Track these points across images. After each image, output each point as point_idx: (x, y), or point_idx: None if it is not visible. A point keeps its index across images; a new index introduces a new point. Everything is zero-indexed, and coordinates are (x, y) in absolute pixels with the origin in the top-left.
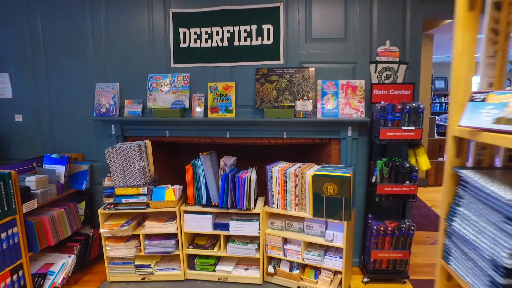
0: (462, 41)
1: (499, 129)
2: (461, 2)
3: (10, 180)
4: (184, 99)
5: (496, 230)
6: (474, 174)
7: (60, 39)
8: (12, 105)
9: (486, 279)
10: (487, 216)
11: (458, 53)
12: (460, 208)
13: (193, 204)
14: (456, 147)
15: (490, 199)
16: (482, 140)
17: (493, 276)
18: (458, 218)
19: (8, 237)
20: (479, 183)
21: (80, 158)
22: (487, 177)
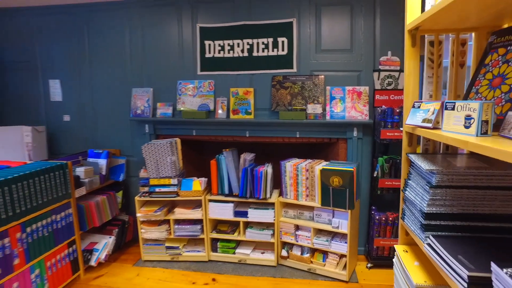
0: (409, 67)
1: (424, 125)
2: (407, 41)
3: (66, 169)
4: (209, 102)
5: (422, 190)
6: (416, 157)
7: (103, 51)
8: (62, 107)
9: (418, 223)
10: (419, 182)
11: (407, 75)
12: (409, 181)
13: (217, 194)
14: (408, 139)
15: (420, 171)
16: (416, 133)
17: (420, 220)
18: (408, 188)
19: (66, 216)
20: (417, 162)
21: (118, 153)
22: (424, 159)
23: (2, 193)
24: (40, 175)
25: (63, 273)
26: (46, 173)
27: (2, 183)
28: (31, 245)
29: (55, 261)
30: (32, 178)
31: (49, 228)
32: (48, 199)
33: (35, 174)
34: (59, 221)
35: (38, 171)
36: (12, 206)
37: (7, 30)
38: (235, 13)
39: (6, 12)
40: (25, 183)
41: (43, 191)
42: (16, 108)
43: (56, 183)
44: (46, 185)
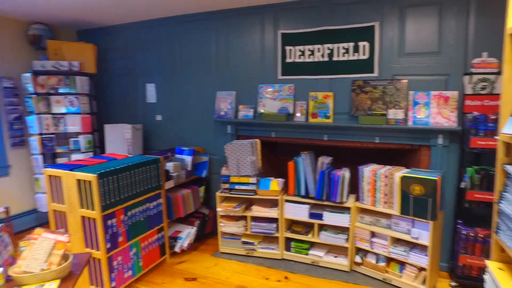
0: (509, 72)
1: None
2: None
3: (159, 163)
4: (288, 106)
5: None
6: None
7: (191, 57)
8: (155, 108)
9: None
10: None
11: (506, 80)
12: (506, 193)
13: (293, 195)
14: (505, 149)
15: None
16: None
17: None
18: (504, 200)
19: (157, 205)
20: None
21: (202, 151)
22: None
23: (112, 180)
24: (139, 167)
25: (153, 255)
26: (144, 165)
27: (113, 172)
28: (131, 227)
29: (147, 243)
30: (134, 170)
31: (144, 214)
32: (144, 189)
33: (135, 166)
34: (152, 209)
35: (138, 164)
36: (119, 192)
37: (116, 43)
38: (316, 19)
39: (115, 29)
40: (128, 174)
41: (141, 181)
42: (120, 108)
43: (151, 175)
44: (143, 176)
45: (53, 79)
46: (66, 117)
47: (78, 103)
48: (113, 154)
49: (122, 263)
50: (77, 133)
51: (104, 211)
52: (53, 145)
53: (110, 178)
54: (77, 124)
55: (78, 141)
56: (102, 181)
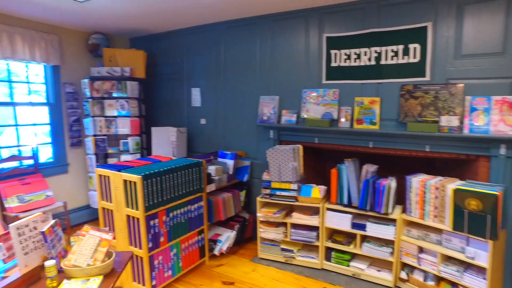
0: None
1: None
2: None
3: (201, 166)
4: (332, 111)
5: None
6: None
7: (236, 62)
8: (200, 112)
9: None
10: None
11: None
12: None
13: (335, 203)
14: None
15: None
16: None
17: None
18: None
19: (198, 207)
20: None
21: (244, 156)
22: None
23: (156, 182)
24: (182, 169)
25: (193, 256)
26: (186, 168)
27: (156, 174)
28: (172, 228)
29: (187, 245)
30: (176, 172)
31: (185, 216)
32: (186, 191)
33: (178, 169)
34: (193, 211)
35: (181, 166)
36: (162, 193)
37: (164, 49)
38: (363, 21)
39: (164, 35)
40: (171, 176)
41: (184, 184)
42: (167, 112)
43: (193, 177)
44: (186, 178)
45: (107, 84)
46: (117, 120)
47: (128, 106)
48: (158, 156)
49: (162, 262)
50: (126, 135)
51: (147, 211)
52: (105, 146)
53: (154, 180)
54: (127, 126)
55: (127, 142)
56: (146, 183)
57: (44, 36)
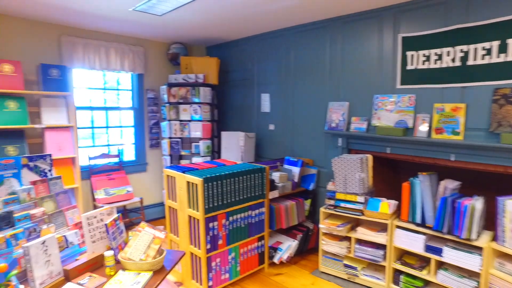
0: None
1: None
2: None
3: (264, 172)
4: (407, 119)
5: None
6: None
7: (305, 67)
8: (268, 117)
9: None
10: None
11: None
12: None
13: (406, 221)
14: None
15: None
16: None
17: None
18: None
19: (259, 213)
20: None
21: (310, 163)
22: None
23: (216, 185)
24: (244, 174)
25: (251, 262)
26: (249, 173)
27: (217, 177)
28: (231, 232)
29: (246, 250)
30: (238, 177)
31: (245, 221)
32: (247, 196)
33: (240, 173)
34: (253, 217)
35: (244, 171)
36: (222, 197)
37: (236, 56)
38: (446, 17)
39: (236, 43)
40: (233, 180)
41: (245, 189)
42: (237, 117)
43: (255, 183)
44: (248, 183)
45: (183, 90)
46: (190, 124)
47: (200, 111)
48: (224, 160)
49: (220, 265)
50: (198, 139)
51: (206, 214)
52: (179, 148)
53: (215, 183)
54: (199, 130)
55: (198, 145)
56: (207, 185)
57: (132, 48)
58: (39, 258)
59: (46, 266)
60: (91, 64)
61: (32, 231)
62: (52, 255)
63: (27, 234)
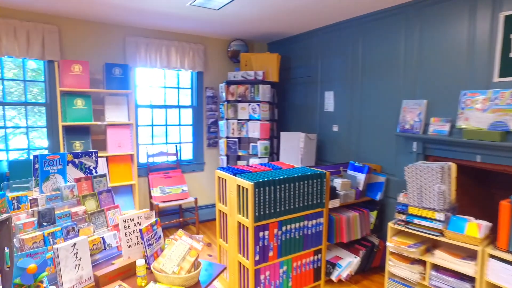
0: None
1: None
2: None
3: (324, 179)
4: (508, 120)
5: None
6: None
7: (375, 60)
8: (332, 117)
9: None
10: None
11: None
12: None
13: (505, 250)
14: None
15: None
16: None
17: None
18: None
19: (316, 224)
20: None
21: (378, 170)
22: None
23: (268, 191)
24: (301, 180)
25: (306, 277)
26: (306, 179)
27: (270, 182)
28: (284, 243)
29: (300, 264)
30: (294, 182)
31: (300, 232)
32: (303, 205)
33: (297, 179)
34: (310, 228)
35: (301, 176)
36: (275, 204)
37: (299, 52)
38: None
39: (298, 38)
40: (287, 186)
41: (302, 196)
42: (299, 116)
43: (313, 190)
44: (304, 190)
45: (241, 88)
46: (249, 123)
47: (259, 110)
48: (281, 162)
49: (269, 278)
50: (256, 139)
51: (256, 222)
52: (236, 148)
53: (267, 189)
54: (257, 130)
55: (256, 146)
56: (258, 191)
57: (193, 46)
58: (68, 261)
59: (76, 270)
60: (153, 63)
61: (70, 230)
62: (82, 259)
63: (65, 233)
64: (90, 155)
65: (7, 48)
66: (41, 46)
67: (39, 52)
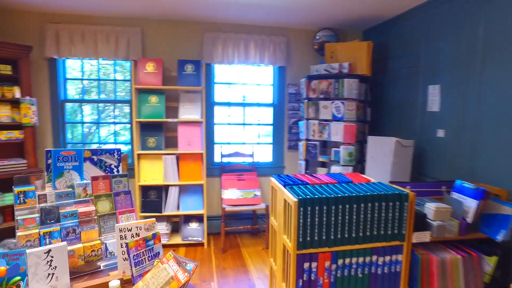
0: None
1: None
2: None
3: (406, 202)
4: None
5: None
6: None
7: (502, 42)
8: (437, 118)
9: None
10: None
11: None
12: None
13: None
14: None
15: None
16: None
17: None
18: None
19: (391, 262)
20: None
21: (503, 196)
22: None
23: (319, 211)
24: (369, 201)
25: None
26: (379, 200)
27: (323, 200)
28: (339, 281)
29: None
30: (359, 203)
31: (365, 269)
32: (372, 234)
33: (364, 199)
34: (380, 266)
35: (371, 196)
36: (327, 229)
37: (397, 37)
38: None
39: (398, 20)
40: (347, 207)
41: (368, 222)
42: (395, 117)
43: (387, 216)
44: (373, 215)
45: (324, 83)
46: (331, 124)
47: (344, 109)
48: (354, 174)
49: None
50: (340, 143)
51: (300, 249)
52: (316, 153)
53: (316, 208)
54: (340, 132)
55: (339, 152)
56: (304, 209)
57: (274, 39)
58: (39, 269)
59: (48, 280)
60: (230, 59)
61: (70, 231)
62: (58, 268)
63: (64, 234)
64: (112, 153)
65: (102, 51)
66: (127, 48)
67: (125, 53)
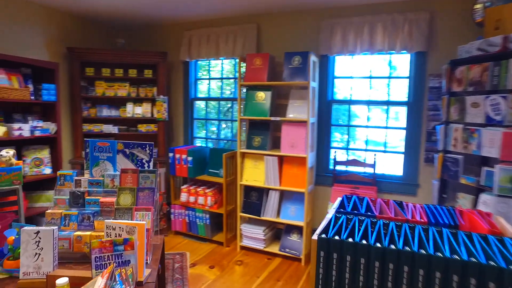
0: None
1: None
2: None
3: None
4: None
5: None
6: None
7: None
8: None
9: None
10: None
11: None
12: None
13: None
14: None
15: None
16: None
17: None
18: None
19: None
20: None
21: None
22: None
23: (353, 263)
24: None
25: None
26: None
27: (355, 248)
28: None
29: None
30: (404, 263)
31: None
32: None
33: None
34: None
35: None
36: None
37: None
38: None
39: None
40: (398, 262)
41: None
42: None
43: None
44: None
45: (475, 69)
46: (482, 131)
47: (505, 106)
48: (470, 212)
49: None
50: (495, 160)
51: None
52: (458, 171)
53: (348, 258)
54: (496, 143)
55: (492, 173)
56: (325, 254)
57: (409, 17)
58: (29, 247)
59: (35, 258)
60: (350, 48)
61: (86, 217)
62: (44, 250)
63: (80, 219)
64: (144, 148)
65: (222, 51)
66: (243, 45)
67: (241, 51)
